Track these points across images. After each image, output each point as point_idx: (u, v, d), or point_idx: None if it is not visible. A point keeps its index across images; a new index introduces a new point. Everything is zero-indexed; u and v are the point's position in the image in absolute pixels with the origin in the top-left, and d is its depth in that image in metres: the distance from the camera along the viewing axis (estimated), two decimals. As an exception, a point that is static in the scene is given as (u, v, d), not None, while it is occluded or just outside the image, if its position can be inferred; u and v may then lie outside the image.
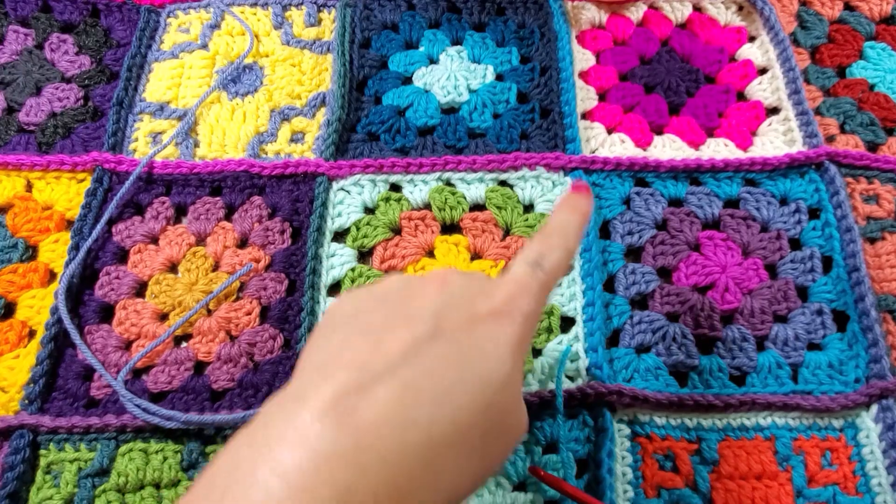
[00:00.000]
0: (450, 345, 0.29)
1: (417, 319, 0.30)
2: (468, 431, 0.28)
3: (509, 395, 0.30)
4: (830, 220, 0.52)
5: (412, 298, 0.32)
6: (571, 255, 0.36)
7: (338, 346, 0.30)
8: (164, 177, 0.56)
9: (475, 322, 0.30)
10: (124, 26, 0.64)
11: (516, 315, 0.31)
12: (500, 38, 0.64)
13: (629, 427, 0.45)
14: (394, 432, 0.26)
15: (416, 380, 0.28)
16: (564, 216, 0.37)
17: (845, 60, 0.62)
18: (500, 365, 0.30)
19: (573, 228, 0.37)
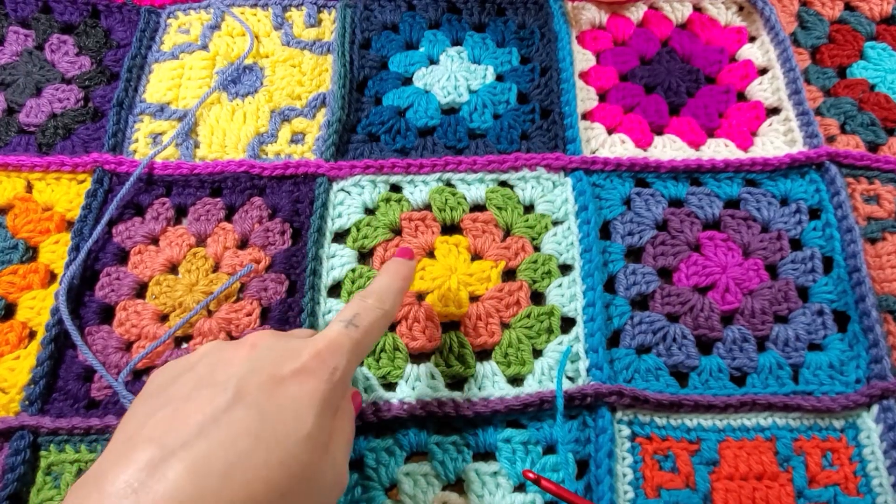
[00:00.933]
0: (247, 410, 0.31)
1: (219, 388, 0.32)
2: (268, 492, 0.29)
3: (313, 452, 0.31)
4: (831, 221, 0.52)
5: (219, 366, 0.33)
6: (388, 316, 0.39)
7: (143, 418, 0.31)
8: (165, 178, 0.56)
9: (277, 384, 0.32)
10: (124, 27, 0.64)
11: (321, 372, 0.33)
12: (501, 39, 0.63)
13: (629, 427, 0.45)
14: (187, 499, 0.27)
15: (210, 452, 0.29)
16: (385, 280, 0.40)
17: (846, 60, 0.62)
18: (299, 423, 0.31)
19: (392, 292, 0.40)
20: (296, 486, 0.31)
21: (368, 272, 0.51)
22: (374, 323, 0.38)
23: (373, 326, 0.38)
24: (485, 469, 0.44)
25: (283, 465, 0.30)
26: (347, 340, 0.36)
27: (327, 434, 0.33)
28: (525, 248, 0.52)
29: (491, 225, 0.53)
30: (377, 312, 0.38)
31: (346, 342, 0.35)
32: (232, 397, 0.31)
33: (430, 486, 0.43)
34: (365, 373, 0.47)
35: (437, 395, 0.46)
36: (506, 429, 0.45)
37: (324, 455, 0.33)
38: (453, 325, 0.50)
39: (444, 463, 0.44)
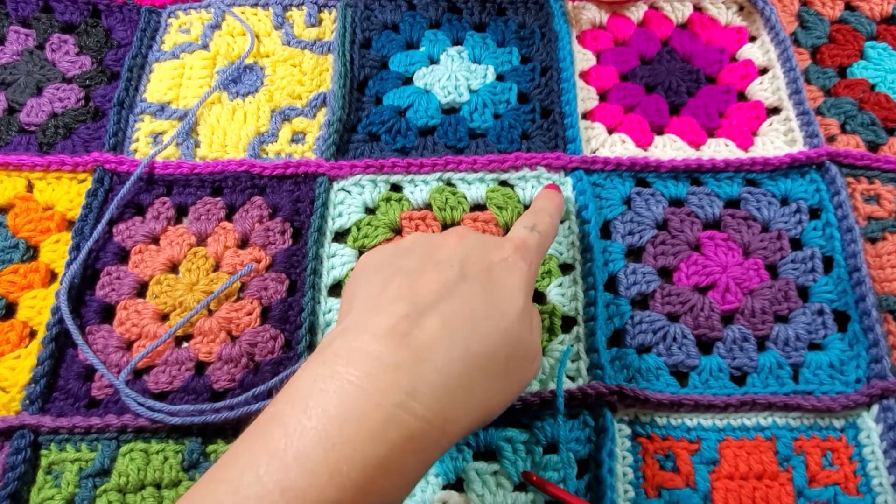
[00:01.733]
0: (474, 285, 0.36)
1: (446, 265, 0.36)
2: (495, 355, 0.34)
3: (525, 327, 0.37)
4: (831, 220, 0.52)
5: (437, 249, 0.38)
6: (555, 227, 0.46)
7: (380, 285, 0.36)
8: (165, 177, 0.56)
9: (492, 268, 0.37)
10: (125, 27, 0.64)
11: (521, 263, 0.38)
12: (501, 39, 0.64)
13: (630, 427, 0.45)
14: (441, 350, 0.32)
15: (454, 312, 0.34)
16: (544, 201, 0.47)
17: (846, 60, 0.62)
18: (514, 301, 0.36)
19: (553, 208, 0.47)
20: (514, 352, 0.36)
21: (369, 272, 0.51)
22: (549, 229, 0.44)
23: (549, 234, 0.44)
24: (485, 468, 0.44)
25: (507, 332, 0.35)
26: (533, 241, 0.41)
27: (531, 315, 0.38)
28: (525, 248, 0.52)
29: (491, 224, 0.53)
30: (549, 221, 0.44)
31: (535, 243, 0.41)
32: (458, 273, 0.36)
33: (430, 486, 0.43)
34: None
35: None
36: (506, 428, 0.45)
37: (531, 332, 0.38)
38: (454, 325, 0.50)
39: (445, 462, 0.44)
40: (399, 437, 0.30)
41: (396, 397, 0.31)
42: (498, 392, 0.35)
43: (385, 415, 0.30)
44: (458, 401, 0.33)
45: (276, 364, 0.47)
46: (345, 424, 0.30)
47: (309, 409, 0.30)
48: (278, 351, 0.48)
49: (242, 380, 0.47)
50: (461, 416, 0.33)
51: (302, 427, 0.30)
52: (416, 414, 0.31)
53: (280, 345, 0.48)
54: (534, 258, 0.40)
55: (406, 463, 0.31)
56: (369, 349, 0.32)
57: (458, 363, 0.33)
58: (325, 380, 0.31)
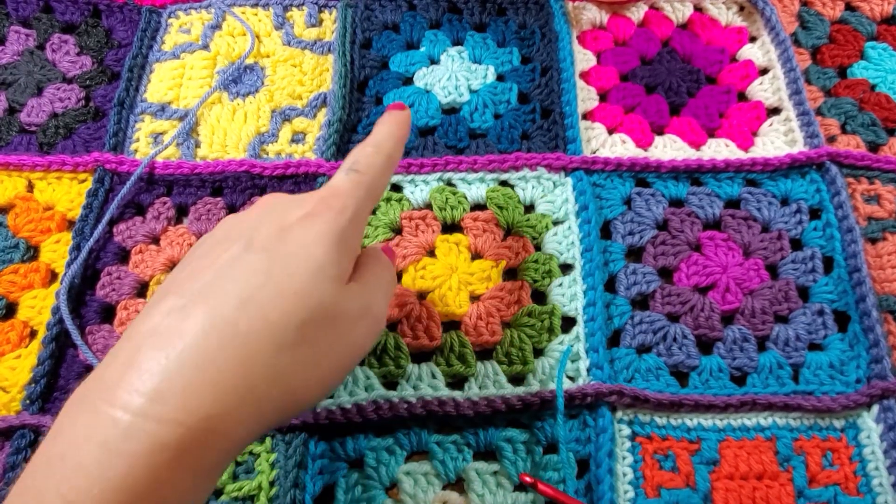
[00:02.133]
0: (258, 254, 0.32)
1: (232, 241, 0.34)
2: (282, 325, 0.31)
3: (327, 285, 0.33)
4: (831, 221, 0.52)
5: (233, 227, 0.35)
6: (390, 160, 0.39)
7: (170, 278, 0.34)
8: (166, 177, 0.56)
9: (285, 230, 0.33)
10: (125, 27, 0.64)
11: (327, 213, 0.34)
12: (501, 39, 0.64)
13: (630, 427, 0.45)
14: (200, 338, 0.29)
15: (225, 289, 0.31)
16: (380, 128, 0.40)
17: (846, 61, 0.62)
18: (310, 259, 0.33)
19: (390, 137, 0.40)
20: (313, 317, 0.32)
21: (369, 272, 0.51)
22: (376, 166, 0.38)
23: (375, 169, 0.38)
24: (485, 468, 0.44)
25: (297, 295, 0.31)
26: (351, 184, 0.36)
27: (342, 270, 0.34)
28: (526, 248, 0.52)
29: (492, 224, 0.53)
30: (377, 156, 0.38)
31: (350, 185, 0.36)
32: (243, 246, 0.33)
33: (430, 486, 0.43)
34: (366, 372, 0.47)
35: (438, 394, 0.46)
36: (507, 428, 0.45)
37: (341, 290, 0.34)
38: (454, 325, 0.50)
39: (445, 462, 0.44)
40: (144, 449, 0.27)
41: (134, 404, 0.27)
42: (304, 366, 0.32)
43: (123, 428, 0.27)
44: (228, 392, 0.29)
45: (276, 364, 0.47)
46: (77, 450, 0.27)
47: (55, 445, 0.28)
48: (278, 351, 0.48)
49: (243, 380, 0.47)
50: (238, 410, 0.29)
51: (35, 469, 0.27)
52: (163, 419, 0.27)
53: (280, 345, 0.48)
54: (347, 202, 0.35)
55: (169, 480, 0.27)
56: (115, 355, 0.29)
57: (224, 348, 0.29)
58: (78, 409, 0.29)
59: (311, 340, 0.32)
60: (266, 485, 0.43)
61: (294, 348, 0.31)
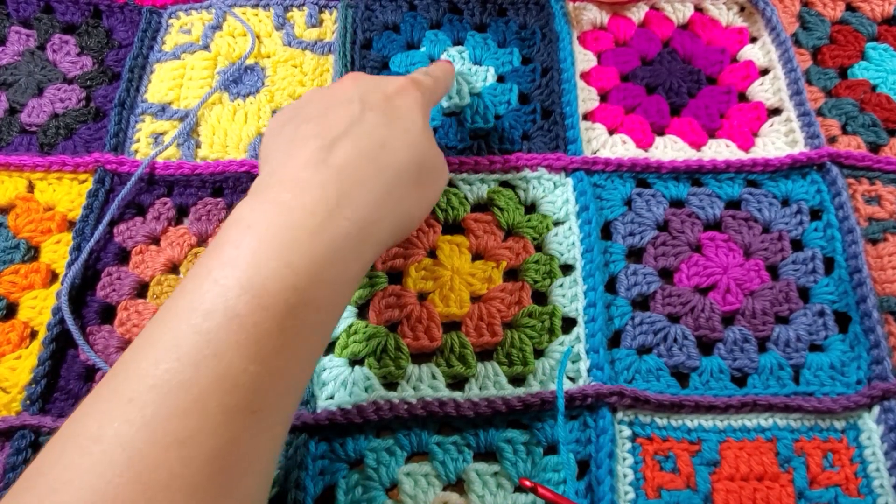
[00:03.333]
0: (376, 114, 0.41)
1: (347, 101, 0.41)
2: (407, 165, 0.40)
3: (427, 141, 0.43)
4: (832, 221, 0.52)
5: (335, 93, 0.43)
6: (447, 81, 0.52)
7: (291, 133, 0.40)
8: (166, 178, 0.56)
9: (388, 98, 0.42)
10: (126, 27, 0.64)
11: (415, 90, 0.44)
12: (502, 39, 0.64)
13: (630, 428, 0.45)
14: (358, 166, 0.38)
15: (363, 136, 0.39)
16: (435, 65, 0.53)
17: (847, 61, 0.62)
18: (413, 122, 0.42)
19: (444, 68, 0.52)
20: (423, 162, 0.41)
21: (370, 272, 0.51)
22: (442, 77, 0.50)
23: (440, 79, 0.49)
24: (486, 469, 0.44)
25: (413, 147, 0.41)
26: (426, 78, 0.47)
27: (429, 133, 0.44)
28: (526, 248, 0.52)
29: (492, 225, 0.53)
30: (441, 72, 0.51)
31: (424, 80, 0.46)
32: (361, 107, 0.41)
33: (430, 486, 0.43)
34: (366, 373, 0.47)
35: (438, 394, 0.46)
36: (507, 429, 0.45)
37: (433, 147, 0.44)
38: (455, 325, 0.50)
39: (445, 463, 0.44)
40: (335, 236, 0.35)
41: (327, 207, 0.35)
42: (416, 199, 0.41)
43: (321, 220, 0.34)
44: (379, 207, 0.38)
45: (276, 365, 0.47)
46: (288, 230, 0.33)
47: (254, 226, 0.34)
48: (279, 351, 0.48)
49: (243, 380, 0.47)
50: (384, 220, 0.38)
51: (249, 238, 0.33)
52: (347, 218, 0.35)
53: (281, 345, 0.48)
54: (426, 90, 0.45)
55: (346, 257, 0.35)
56: (295, 176, 0.36)
57: (373, 176, 0.38)
58: (263, 205, 0.35)
59: (420, 179, 0.41)
60: (266, 485, 0.43)
61: (412, 183, 0.40)
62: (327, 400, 0.46)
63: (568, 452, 0.44)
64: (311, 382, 0.46)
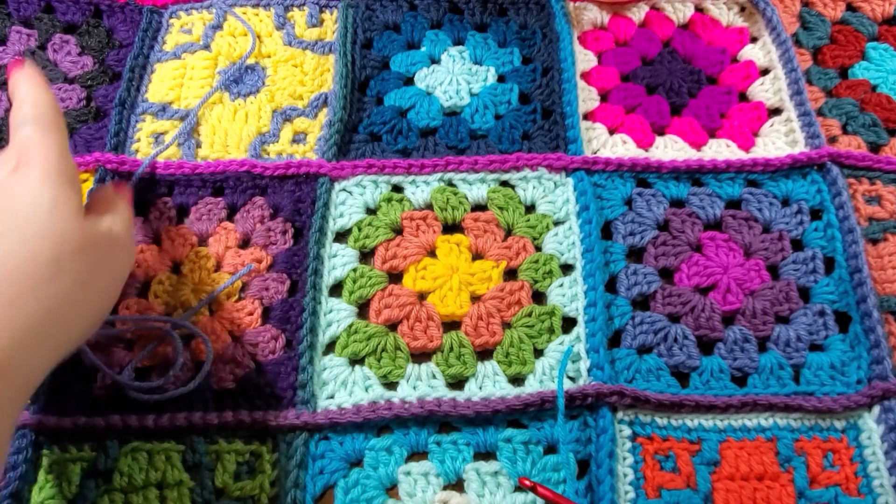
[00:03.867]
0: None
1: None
2: (38, 263, 0.34)
3: (64, 216, 0.36)
4: (832, 221, 0.52)
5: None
6: (40, 99, 0.41)
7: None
8: (167, 177, 0.56)
9: (3, 187, 0.36)
10: (127, 27, 0.64)
11: (31, 160, 0.37)
12: (502, 39, 0.64)
13: (630, 428, 0.45)
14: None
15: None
16: (20, 87, 0.42)
17: (847, 61, 0.62)
18: (39, 203, 0.35)
19: (24, 87, 0.42)
20: (63, 249, 0.35)
21: (370, 272, 0.51)
22: (35, 107, 0.40)
23: (37, 110, 0.40)
24: (485, 468, 0.44)
25: (40, 235, 0.34)
26: (33, 132, 0.38)
27: (75, 203, 0.37)
28: (526, 248, 0.52)
29: (492, 224, 0.53)
30: (30, 104, 0.40)
31: (34, 133, 0.38)
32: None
33: (430, 486, 0.43)
34: (366, 372, 0.47)
35: (438, 394, 0.46)
36: (507, 428, 0.45)
37: (82, 222, 0.37)
38: (454, 325, 0.50)
39: (445, 462, 0.44)
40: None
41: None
42: (70, 299, 0.35)
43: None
44: (3, 331, 0.32)
45: (277, 364, 0.47)
46: None
47: None
48: (279, 351, 0.48)
49: (243, 380, 0.47)
50: (21, 347, 0.32)
51: None
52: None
53: (281, 345, 0.48)
54: (45, 144, 0.38)
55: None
56: None
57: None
58: None
59: (70, 271, 0.35)
60: (267, 485, 0.43)
61: (55, 281, 0.34)
62: (327, 400, 0.46)
63: (568, 452, 0.44)
64: (311, 382, 0.46)
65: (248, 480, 0.44)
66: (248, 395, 0.46)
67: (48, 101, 0.41)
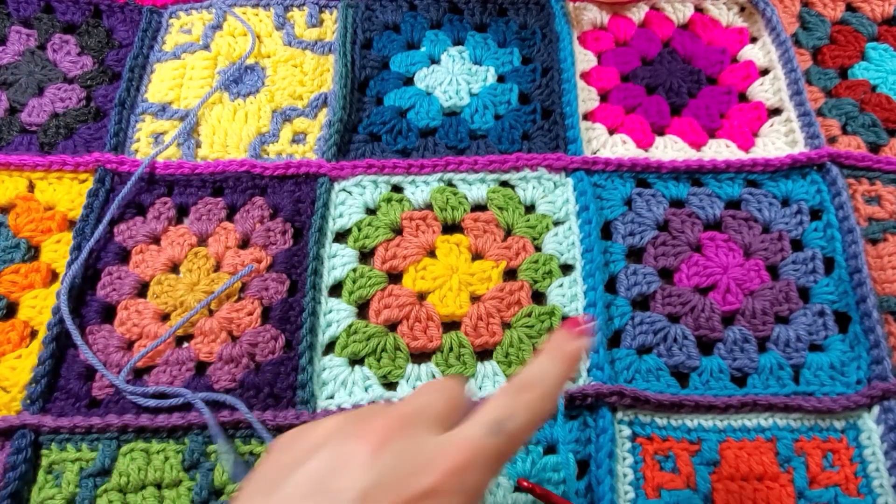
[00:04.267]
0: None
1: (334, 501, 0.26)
2: None
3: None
4: (832, 221, 0.52)
5: (338, 467, 0.27)
6: (545, 416, 0.30)
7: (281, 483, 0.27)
8: (166, 177, 0.56)
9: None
10: (126, 27, 0.64)
11: (456, 496, 0.27)
12: (502, 39, 0.64)
13: (630, 428, 0.45)
14: None
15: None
16: (546, 365, 0.31)
17: (847, 61, 0.62)
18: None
19: (553, 381, 0.30)
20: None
21: (369, 272, 0.51)
22: (528, 426, 0.29)
23: (524, 431, 0.29)
24: (485, 469, 0.44)
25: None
26: (492, 451, 0.28)
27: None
28: (526, 248, 0.52)
29: (492, 225, 0.53)
30: (533, 413, 0.29)
31: (490, 453, 0.28)
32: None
33: (430, 486, 0.43)
34: (366, 372, 0.47)
35: (438, 394, 0.46)
36: (506, 429, 0.45)
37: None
38: (454, 325, 0.50)
39: (445, 463, 0.44)
40: None
41: None
42: None
43: None
44: None
45: (276, 364, 0.47)
46: None
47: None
48: (279, 351, 0.48)
49: (243, 380, 0.47)
50: None
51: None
52: None
53: (281, 345, 0.48)
54: (482, 478, 0.28)
55: None
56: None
57: None
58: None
59: None
60: (266, 485, 0.43)
61: None
62: (327, 400, 0.46)
63: (567, 452, 0.44)
64: (311, 382, 0.46)
65: (248, 480, 0.43)
66: (248, 395, 0.46)
67: (544, 413, 0.30)
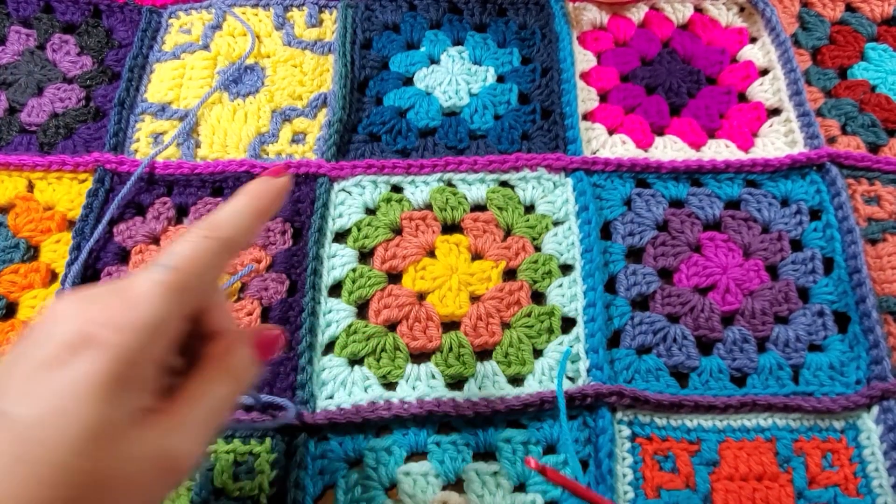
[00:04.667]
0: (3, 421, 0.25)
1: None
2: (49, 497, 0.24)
3: (105, 451, 0.25)
4: (832, 222, 0.52)
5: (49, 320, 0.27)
6: (227, 246, 0.30)
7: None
8: (166, 177, 0.56)
9: (47, 370, 0.25)
10: (126, 27, 0.64)
11: (104, 343, 0.25)
12: (502, 39, 0.64)
13: (630, 428, 0.45)
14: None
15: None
16: (233, 202, 0.32)
17: (847, 62, 0.62)
18: (64, 424, 0.24)
19: (237, 215, 0.31)
20: (74, 494, 0.24)
21: (369, 272, 0.51)
22: (197, 257, 0.29)
23: (194, 262, 0.29)
24: (485, 469, 0.44)
25: (61, 479, 0.24)
26: (156, 288, 0.27)
27: (121, 417, 0.26)
28: (525, 248, 0.52)
29: (492, 225, 0.53)
30: (203, 242, 0.29)
31: (154, 290, 0.27)
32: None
33: (429, 486, 0.43)
34: (365, 372, 0.47)
35: (438, 394, 0.46)
36: (506, 429, 0.45)
37: (118, 447, 0.25)
38: (454, 325, 0.50)
39: (444, 462, 0.44)
40: None
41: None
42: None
43: None
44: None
45: (276, 364, 0.47)
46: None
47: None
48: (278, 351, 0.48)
49: (242, 380, 0.47)
50: None
51: None
52: None
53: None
54: (145, 314, 0.27)
55: None
56: None
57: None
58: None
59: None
60: (266, 485, 0.43)
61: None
62: (327, 400, 0.46)
63: (569, 452, 0.44)
64: (310, 382, 0.46)
65: (248, 481, 0.43)
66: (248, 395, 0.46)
67: (219, 241, 0.30)
